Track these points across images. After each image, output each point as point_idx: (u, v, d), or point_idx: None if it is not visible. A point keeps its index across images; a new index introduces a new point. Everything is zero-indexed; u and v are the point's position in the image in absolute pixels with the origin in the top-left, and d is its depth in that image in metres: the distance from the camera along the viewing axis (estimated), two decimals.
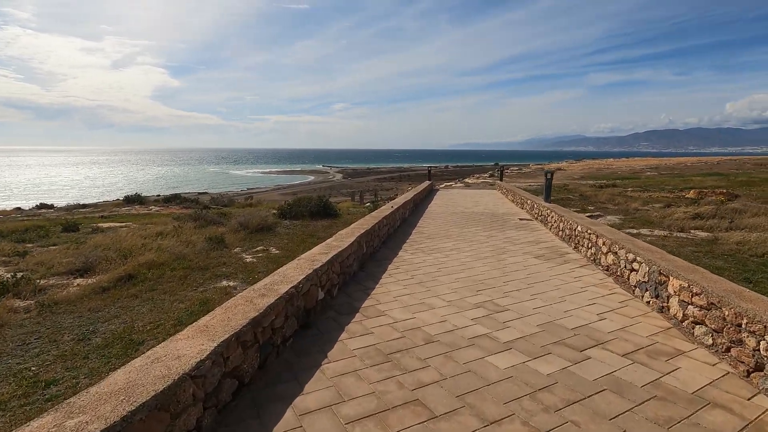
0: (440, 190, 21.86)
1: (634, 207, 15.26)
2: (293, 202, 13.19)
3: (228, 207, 18.98)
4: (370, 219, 8.08)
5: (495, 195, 18.69)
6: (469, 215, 12.30)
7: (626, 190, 21.09)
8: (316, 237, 10.38)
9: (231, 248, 9.23)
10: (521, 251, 7.58)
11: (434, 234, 9.32)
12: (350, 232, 6.58)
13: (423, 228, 10.13)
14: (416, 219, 11.65)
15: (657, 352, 3.61)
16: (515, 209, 13.74)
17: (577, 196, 18.90)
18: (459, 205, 15.01)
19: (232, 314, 3.17)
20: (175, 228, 10.71)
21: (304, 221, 12.38)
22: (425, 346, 3.75)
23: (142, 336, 4.69)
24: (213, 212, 13.96)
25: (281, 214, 12.80)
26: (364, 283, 5.73)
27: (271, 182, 76.56)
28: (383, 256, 7.25)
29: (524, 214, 12.41)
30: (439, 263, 6.73)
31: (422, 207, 14.39)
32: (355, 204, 21.77)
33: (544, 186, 10.87)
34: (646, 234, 10.19)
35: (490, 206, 14.64)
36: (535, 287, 5.45)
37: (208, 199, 19.81)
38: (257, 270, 7.48)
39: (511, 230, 9.80)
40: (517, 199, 14.85)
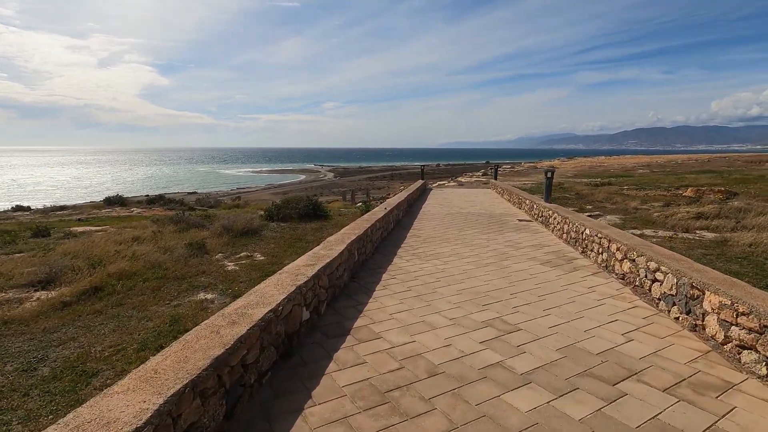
0: (433, 189, 21.29)
1: (633, 206, 14.81)
2: (281, 204, 12.51)
3: (214, 208, 18.21)
4: (362, 222, 7.45)
5: (490, 194, 18.16)
6: (465, 216, 11.72)
7: (622, 188, 20.70)
8: (305, 241, 9.74)
9: (212, 254, 8.55)
10: (525, 256, 7.00)
11: (431, 237, 8.72)
12: (340, 239, 5.95)
13: (418, 231, 9.52)
14: (411, 220, 11.05)
15: (703, 386, 3.04)
16: (513, 209, 13.19)
17: (574, 194, 18.44)
18: (454, 205, 14.43)
19: (191, 352, 2.53)
20: (154, 232, 9.98)
21: (293, 223, 11.71)
22: (428, 380, 3.14)
23: (97, 365, 4.02)
24: (197, 214, 13.23)
25: (268, 216, 12.11)
26: (356, 296, 5.10)
27: (262, 182, 75.56)
28: (377, 264, 6.63)
29: (523, 215, 11.86)
30: (438, 271, 6.13)
31: (416, 207, 13.79)
32: (346, 204, 21.12)
33: (544, 185, 10.34)
34: (650, 235, 9.69)
35: (486, 206, 14.08)
36: (547, 300, 4.87)
37: (193, 200, 19.02)
38: (239, 279, 6.82)
39: (511, 232, 9.23)
40: (513, 198, 14.31)
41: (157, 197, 18.18)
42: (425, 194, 18.21)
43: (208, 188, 64.37)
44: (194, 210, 17.13)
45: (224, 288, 6.42)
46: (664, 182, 22.89)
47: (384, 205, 9.91)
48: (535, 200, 11.23)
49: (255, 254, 8.58)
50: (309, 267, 4.44)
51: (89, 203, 20.51)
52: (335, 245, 5.53)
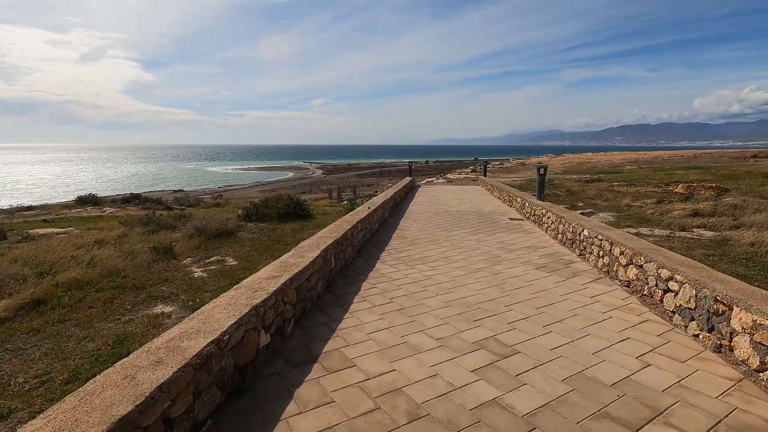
0: (421, 186, 20.69)
1: (625, 203, 14.39)
2: (260, 203, 11.78)
3: (193, 207, 17.38)
4: (342, 224, 6.80)
5: (479, 191, 17.62)
6: (454, 215, 11.13)
7: (612, 184, 20.34)
8: (283, 243, 9.06)
9: (180, 259, 7.83)
10: (519, 260, 6.42)
11: (417, 239, 8.10)
12: (315, 243, 5.29)
13: (404, 231, 8.90)
14: (397, 220, 10.42)
15: (746, 429, 2.47)
16: (503, 207, 12.64)
17: (564, 191, 18.01)
18: (442, 203, 13.84)
19: (85, 412, 1.85)
20: (120, 235, 9.20)
21: (272, 224, 11.00)
22: (409, 426, 2.51)
23: (12, 402, 3.33)
24: (172, 214, 12.44)
25: (246, 216, 11.38)
26: (330, 311, 4.45)
27: (249, 179, 74.37)
28: (357, 270, 5.98)
29: (514, 213, 11.31)
30: (425, 279, 5.51)
31: (403, 206, 13.17)
32: (332, 202, 20.42)
33: (537, 182, 9.80)
34: (646, 233, 9.21)
35: (475, 204, 13.51)
36: (547, 313, 4.28)
37: (172, 199, 18.14)
38: (205, 288, 6.14)
39: (502, 232, 8.66)
40: (504, 196, 13.76)
41: (133, 196, 17.27)
42: (413, 192, 17.59)
43: (195, 186, 63.03)
44: (172, 209, 16.29)
45: (186, 299, 5.73)
46: (654, 178, 22.63)
47: (367, 205, 9.26)
48: (526, 198, 10.68)
49: (227, 259, 7.88)
50: (272, 280, 3.78)
51: (60, 203, 19.49)
52: (308, 251, 4.87)
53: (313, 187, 53.44)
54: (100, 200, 17.04)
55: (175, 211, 15.11)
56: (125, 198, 17.10)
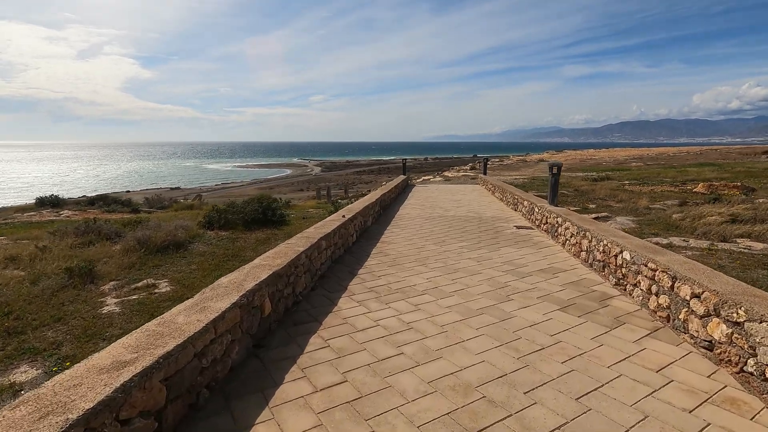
0: (416, 186, 18.91)
1: (643, 205, 12.62)
2: (224, 208, 10.00)
3: (164, 209, 15.62)
4: (299, 242, 5.04)
5: (479, 191, 15.83)
6: (450, 221, 9.36)
7: (623, 183, 18.56)
8: (240, 258, 7.31)
9: (101, 283, 6.09)
10: (535, 293, 4.65)
11: (402, 256, 6.33)
12: (240, 280, 3.54)
13: (388, 244, 7.13)
14: (382, 228, 8.66)
15: None
16: (507, 211, 10.87)
17: (572, 191, 16.23)
18: (438, 205, 12.07)
19: None
20: (42, 248, 7.45)
21: (236, 232, 9.24)
22: None
23: None
24: (125, 219, 10.67)
25: (208, 222, 9.62)
26: (240, 404, 2.69)
27: (247, 176, 72.70)
28: (311, 311, 4.22)
29: (520, 219, 9.53)
30: (402, 327, 3.75)
31: (393, 208, 11.40)
32: (321, 202, 18.64)
33: (549, 184, 8.04)
34: (680, 245, 7.45)
35: (475, 206, 11.74)
36: (594, 410, 2.53)
37: (141, 200, 16.39)
38: (105, 333, 4.43)
39: (508, 246, 6.89)
40: (507, 197, 11.98)
41: (99, 197, 15.50)
42: (406, 192, 15.82)
43: (193, 184, 61.40)
44: (139, 212, 14.53)
45: (71, 352, 4.00)
46: (666, 176, 20.85)
47: (342, 212, 7.48)
48: (535, 202, 8.91)
49: (161, 283, 6.13)
50: (119, 371, 2.03)
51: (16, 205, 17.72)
52: (220, 299, 3.12)
53: (311, 184, 51.78)
54: (62, 202, 15.26)
55: (138, 215, 13.36)
56: (90, 199, 15.34)
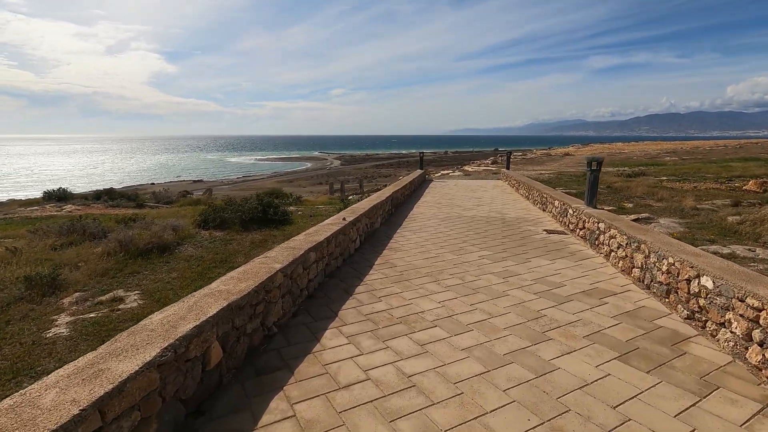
0: (435, 180, 17.72)
1: (688, 205, 11.14)
2: (220, 206, 9.10)
3: (171, 204, 14.94)
4: (279, 257, 4.02)
5: (501, 188, 14.55)
6: (470, 222, 8.22)
7: (660, 179, 16.93)
8: (228, 265, 6.40)
9: (63, 294, 5.25)
10: (580, 329, 3.51)
11: (411, 268, 5.26)
12: (168, 323, 2.56)
13: (396, 252, 6.07)
14: (392, 230, 7.60)
15: None
16: (534, 211, 9.63)
17: (605, 188, 14.77)
18: (456, 203, 10.91)
19: None
20: (13, 251, 6.69)
21: (231, 233, 8.34)
22: None
23: None
24: (121, 216, 9.91)
25: (203, 221, 8.75)
26: None
27: (268, 169, 72.73)
28: (281, 354, 3.17)
29: (550, 222, 8.31)
30: (400, 386, 2.69)
31: (407, 206, 10.31)
32: (332, 198, 17.68)
33: (588, 182, 6.76)
34: (745, 256, 6.13)
35: (497, 205, 10.54)
36: None
37: (149, 195, 15.77)
38: (34, 369, 3.53)
39: (540, 257, 5.72)
40: (533, 195, 10.71)
41: (105, 191, 14.93)
42: (423, 187, 14.68)
43: (215, 176, 61.74)
44: (143, 207, 13.87)
45: None
46: (708, 172, 19.02)
47: (345, 213, 6.42)
48: (569, 202, 7.67)
49: (131, 295, 5.26)
50: None
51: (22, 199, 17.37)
52: (139, 349, 2.14)
53: (330, 177, 51.11)
54: (69, 196, 14.76)
55: (141, 211, 12.67)
56: (97, 194, 14.79)
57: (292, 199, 16.44)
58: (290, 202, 15.58)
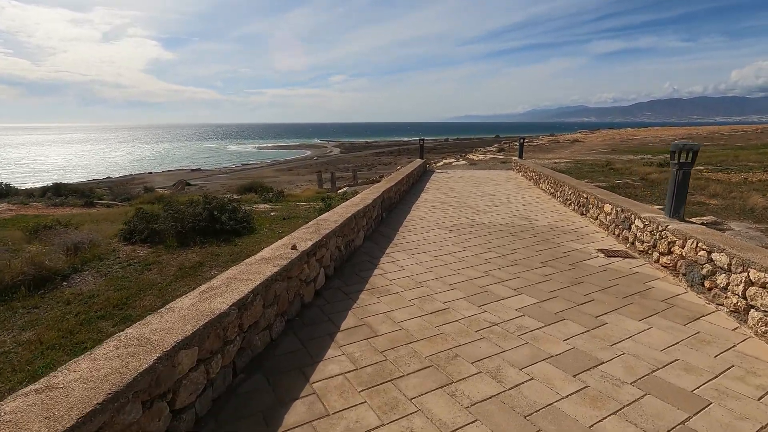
0: (437, 171, 15.28)
1: (758, 204, 8.75)
2: (151, 215, 6.71)
3: (129, 201, 12.58)
4: None
5: (516, 181, 12.13)
6: (487, 233, 5.86)
7: (698, 170, 14.48)
8: (123, 313, 4.09)
9: None
10: None
11: (400, 342, 2.89)
12: None
13: (379, 296, 3.70)
14: (379, 249, 5.24)
15: None
16: (569, 215, 7.24)
17: (638, 180, 12.33)
18: (465, 202, 8.53)
19: None
20: None
21: (162, 249, 6.00)
22: None
23: None
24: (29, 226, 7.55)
25: (129, 232, 6.39)
26: None
27: (267, 158, 70.26)
28: None
29: (598, 233, 5.92)
30: None
31: (403, 208, 7.94)
32: (320, 192, 15.27)
33: (672, 182, 4.40)
34: None
35: (517, 205, 8.15)
36: None
37: (105, 191, 13.42)
38: None
39: (618, 313, 3.33)
40: (564, 192, 8.29)
41: (53, 187, 12.58)
42: (424, 180, 12.27)
43: (213, 165, 59.40)
44: (94, 205, 11.51)
45: None
46: (747, 159, 16.53)
47: (302, 233, 4.01)
48: (632, 208, 5.28)
49: None
50: None
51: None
52: None
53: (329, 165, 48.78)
54: (12, 191, 12.42)
55: (82, 212, 10.30)
56: (44, 189, 12.45)
57: (273, 194, 14.10)
58: (270, 198, 13.25)
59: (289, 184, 30.87)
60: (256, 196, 13.95)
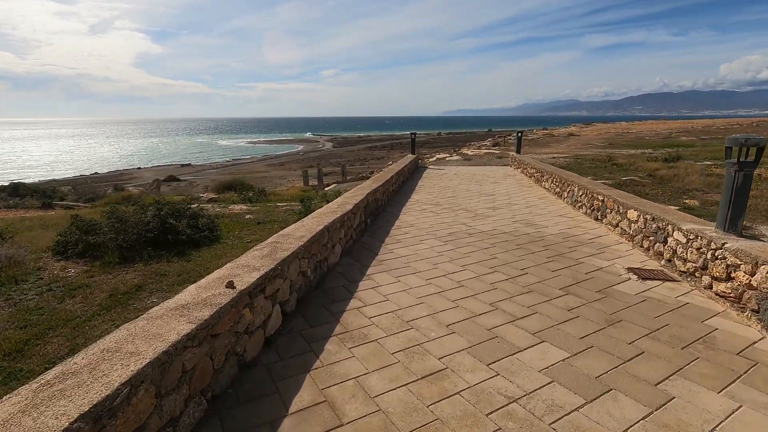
0: (429, 167, 14.25)
1: None
2: (92, 223, 5.62)
3: (93, 202, 11.40)
4: None
5: (515, 178, 11.15)
6: (489, 245, 4.85)
7: (706, 165, 13.58)
8: (6, 371, 2.99)
9: None
10: None
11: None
12: None
13: (353, 346, 2.67)
14: (359, 267, 4.21)
15: None
16: (581, 220, 6.26)
17: (645, 176, 11.39)
18: (461, 204, 7.53)
19: None
20: None
21: (99, 266, 4.92)
22: None
23: None
24: None
25: (63, 246, 5.30)
26: None
27: (258, 152, 68.75)
28: None
29: (622, 244, 4.95)
30: None
31: (392, 212, 6.92)
32: (305, 190, 14.17)
33: (728, 187, 3.51)
34: None
35: (520, 207, 7.17)
36: None
37: (68, 189, 12.21)
38: None
39: (683, 376, 2.37)
40: (573, 193, 7.31)
41: (10, 186, 11.37)
42: (415, 178, 11.25)
43: (203, 160, 57.87)
44: (51, 207, 10.34)
45: None
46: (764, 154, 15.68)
47: (248, 261, 2.97)
48: (666, 216, 4.31)
49: None
50: None
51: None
52: None
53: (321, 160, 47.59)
54: None
55: (35, 214, 9.15)
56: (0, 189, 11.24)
57: (254, 192, 13.01)
58: (250, 197, 12.17)
59: (281, 179, 29.68)
60: (236, 195, 12.84)
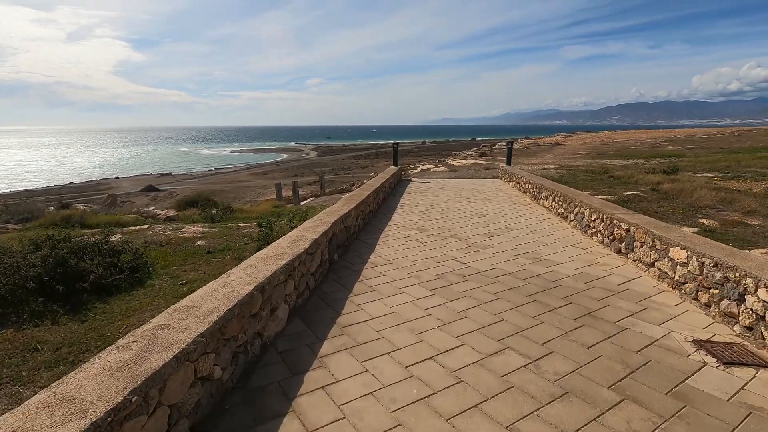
0: (413, 180, 12.98)
1: None
2: None
3: (24, 224, 9.78)
4: None
5: (508, 193, 9.94)
6: (488, 294, 3.54)
7: (707, 177, 12.68)
8: None
9: None
10: None
11: None
12: None
13: None
14: (314, 337, 2.89)
15: None
16: (595, 251, 5.02)
17: (648, 190, 10.33)
18: (451, 228, 6.24)
19: None
20: None
21: None
22: None
23: None
24: None
25: None
26: None
27: (241, 161, 66.84)
28: None
29: (659, 290, 3.71)
30: None
31: (367, 241, 5.58)
32: (278, 205, 12.72)
33: None
34: None
35: (520, 232, 5.91)
36: None
37: (1, 208, 10.53)
38: None
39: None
40: (580, 214, 6.09)
41: None
42: (398, 193, 9.95)
43: (185, 169, 55.69)
44: None
45: None
46: (754, 165, 14.87)
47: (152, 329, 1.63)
48: (727, 259, 3.11)
49: None
50: None
51: None
52: None
53: (305, 169, 46.14)
54: None
55: None
56: None
57: (218, 210, 11.53)
58: (212, 215, 10.71)
59: (264, 188, 28.17)
60: (198, 213, 11.34)
